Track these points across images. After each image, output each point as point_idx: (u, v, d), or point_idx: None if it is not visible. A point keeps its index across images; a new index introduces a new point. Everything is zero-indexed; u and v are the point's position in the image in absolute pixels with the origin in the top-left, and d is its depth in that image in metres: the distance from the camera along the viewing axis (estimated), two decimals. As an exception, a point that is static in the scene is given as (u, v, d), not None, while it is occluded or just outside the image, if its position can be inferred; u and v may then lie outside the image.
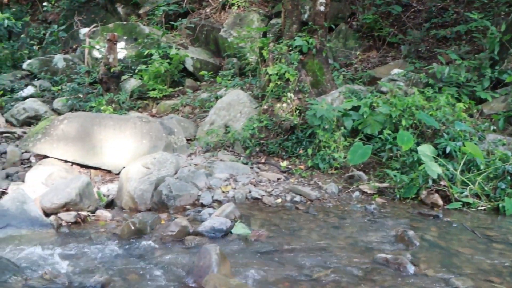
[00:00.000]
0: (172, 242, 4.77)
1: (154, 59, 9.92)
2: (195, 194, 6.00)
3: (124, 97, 9.52)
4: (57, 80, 10.86)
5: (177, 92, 10.11)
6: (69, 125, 7.25)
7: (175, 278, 3.96)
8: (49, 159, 7.21)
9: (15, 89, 10.69)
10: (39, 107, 9.68)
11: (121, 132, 7.22)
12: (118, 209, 6.01)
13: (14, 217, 5.01)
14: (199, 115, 9.02)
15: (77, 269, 4.12)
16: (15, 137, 8.95)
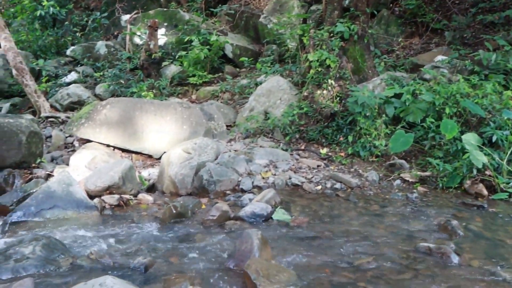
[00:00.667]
0: (213, 226, 4.81)
1: (194, 45, 9.97)
2: (235, 179, 6.03)
3: (164, 83, 9.61)
4: (99, 66, 11.04)
5: (217, 78, 10.14)
6: (112, 110, 7.38)
7: (216, 262, 3.99)
8: (92, 143, 7.36)
9: (59, 75, 10.92)
10: (82, 93, 9.86)
11: (162, 118, 7.30)
12: (159, 193, 6.09)
13: (60, 198, 5.14)
14: (239, 101, 9.04)
15: (120, 250, 4.21)
16: (59, 121, 9.16)
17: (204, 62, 10.07)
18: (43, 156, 7.04)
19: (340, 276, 3.72)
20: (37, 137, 6.87)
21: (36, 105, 9.45)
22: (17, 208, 5.06)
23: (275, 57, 10.31)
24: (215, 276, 3.68)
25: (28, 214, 4.96)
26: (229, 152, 6.88)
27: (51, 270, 3.66)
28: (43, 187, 5.29)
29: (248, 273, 3.48)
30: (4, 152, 6.39)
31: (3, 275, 3.52)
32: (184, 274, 3.64)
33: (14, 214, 4.96)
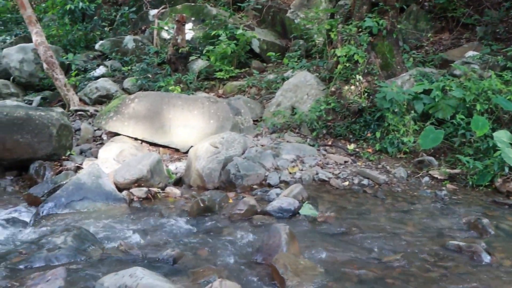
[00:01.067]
0: (240, 220, 4.83)
1: (221, 40, 9.98)
2: (262, 174, 6.03)
3: (191, 77, 9.65)
4: (127, 61, 11.13)
5: (244, 73, 10.14)
6: (140, 104, 7.45)
7: (244, 255, 4.01)
8: (120, 136, 7.44)
9: (88, 69, 11.05)
10: (110, 87, 9.97)
11: (189, 112, 7.34)
12: (186, 187, 6.14)
13: (90, 190, 5.22)
14: (265, 96, 9.03)
15: (149, 242, 4.26)
16: (88, 115, 9.28)
17: (231, 56, 10.08)
18: (73, 149, 7.15)
19: (368, 272, 3.70)
20: (67, 130, 6.98)
21: (66, 99, 9.58)
22: (48, 199, 5.15)
23: (302, 52, 10.26)
24: (242, 270, 3.70)
25: (58, 205, 5.04)
26: (255, 146, 6.88)
27: (82, 260, 3.72)
28: (73, 179, 5.37)
29: (276, 268, 3.49)
30: (35, 144, 6.51)
31: (36, 264, 3.59)
32: (212, 267, 3.67)
33: (46, 205, 5.05)
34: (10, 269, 3.53)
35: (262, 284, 3.48)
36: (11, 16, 14.15)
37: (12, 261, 3.63)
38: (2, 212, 5.22)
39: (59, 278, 3.08)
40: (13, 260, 3.64)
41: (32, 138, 6.49)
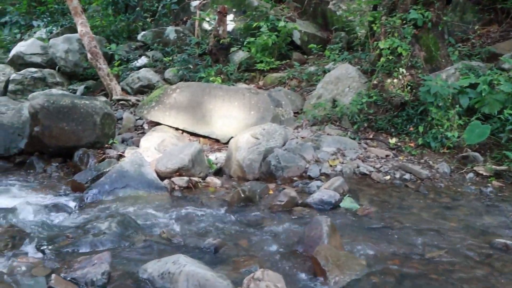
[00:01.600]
0: (280, 211, 4.83)
1: (262, 31, 9.95)
2: (302, 166, 6.01)
3: (232, 68, 9.67)
4: (168, 51, 11.23)
5: (284, 65, 10.10)
6: (181, 94, 7.51)
7: (285, 246, 4.00)
8: (161, 126, 7.54)
9: (130, 59, 11.21)
10: (152, 77, 10.09)
11: (230, 103, 7.37)
12: (226, 177, 6.17)
13: (132, 178, 5.31)
14: (306, 88, 8.98)
15: (190, 231, 4.30)
16: (129, 104, 9.43)
17: (272, 48, 10.05)
18: (115, 137, 7.28)
19: (411, 268, 3.65)
20: (110, 118, 7.11)
21: (108, 88, 9.75)
22: (93, 186, 5.27)
23: (343, 45, 10.13)
24: (283, 261, 3.70)
25: (102, 192, 5.15)
26: (296, 138, 6.86)
27: (126, 246, 3.79)
28: (117, 167, 5.47)
29: (317, 259, 3.47)
30: (80, 132, 6.66)
31: (82, 248, 3.68)
32: (253, 257, 3.68)
33: (90, 191, 5.17)
34: (58, 252, 3.63)
35: (303, 275, 3.47)
36: (57, 7, 14.43)
37: (59, 244, 3.73)
38: (48, 198, 5.37)
39: (105, 263, 3.14)
40: (61, 244, 3.74)
41: (77, 126, 6.64)
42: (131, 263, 3.48)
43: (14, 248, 3.66)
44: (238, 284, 3.01)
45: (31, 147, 6.81)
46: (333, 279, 3.31)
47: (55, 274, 3.11)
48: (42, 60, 11.48)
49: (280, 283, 2.94)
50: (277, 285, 2.92)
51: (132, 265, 3.44)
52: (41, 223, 4.49)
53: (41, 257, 3.56)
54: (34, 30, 13.91)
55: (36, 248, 3.70)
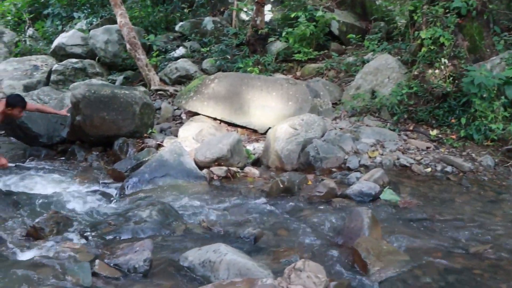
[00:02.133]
0: (319, 202, 4.79)
1: (300, 21, 9.85)
2: (341, 157, 5.95)
3: (269, 59, 9.62)
4: (206, 42, 11.25)
5: (322, 55, 9.98)
6: (220, 84, 7.52)
7: (324, 237, 3.97)
8: (199, 116, 7.57)
9: (168, 50, 11.28)
10: (190, 67, 10.13)
11: (268, 93, 7.34)
12: (264, 168, 6.16)
13: (172, 167, 5.36)
14: (344, 79, 8.86)
15: (230, 220, 4.32)
16: (167, 94, 9.50)
17: (310, 38, 9.94)
18: (154, 127, 7.35)
19: (454, 262, 3.56)
20: (149, 108, 7.19)
21: (147, 78, 9.85)
22: (133, 175, 5.34)
23: (382, 35, 9.94)
24: (323, 252, 3.68)
25: (142, 181, 5.22)
26: (334, 130, 6.78)
27: (166, 234, 3.83)
28: (156, 156, 5.53)
29: (358, 251, 3.43)
30: (120, 121, 6.75)
31: (124, 235, 3.74)
32: (293, 247, 3.67)
33: (130, 180, 5.24)
34: (101, 238, 3.69)
35: (344, 267, 3.44)
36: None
37: (102, 231, 3.80)
38: (90, 186, 5.48)
39: (147, 250, 3.18)
40: (103, 230, 3.81)
41: (117, 116, 6.73)
42: (171, 251, 3.52)
43: (59, 233, 3.74)
44: (279, 274, 3.00)
45: (72, 136, 6.95)
46: (374, 271, 3.27)
47: (99, 260, 3.17)
48: (83, 51, 11.68)
49: (321, 273, 2.91)
50: (318, 275, 2.89)
51: (173, 253, 3.47)
52: (83, 210, 4.59)
53: (84, 243, 3.63)
54: (75, 22, 14.12)
55: (79, 234, 3.78)
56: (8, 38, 12.52)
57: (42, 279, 2.92)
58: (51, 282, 2.90)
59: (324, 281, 2.86)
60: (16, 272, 2.97)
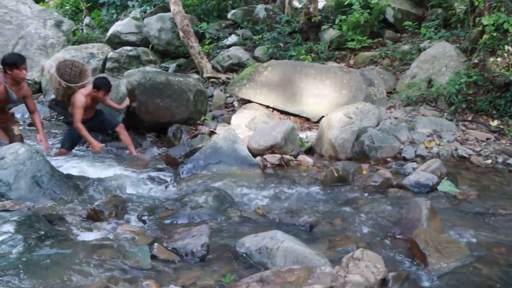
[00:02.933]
0: (375, 192, 4.71)
1: (354, 9, 9.68)
2: (396, 147, 5.83)
3: (322, 47, 9.52)
4: (258, 29, 11.24)
5: (376, 43, 9.79)
6: (273, 72, 7.50)
7: (380, 228, 3.90)
8: (251, 103, 7.58)
9: (220, 37, 11.33)
10: (242, 55, 10.15)
11: (321, 82, 7.26)
12: (317, 156, 6.11)
13: (225, 154, 5.38)
14: (399, 67, 8.66)
15: (284, 208, 4.30)
16: (219, 82, 9.56)
17: (364, 26, 9.76)
18: (206, 114, 7.41)
19: (518, 257, 3.42)
20: (202, 95, 7.24)
21: (199, 66, 9.94)
22: (188, 161, 5.40)
23: (440, 22, 9.65)
24: (380, 242, 3.61)
25: (197, 167, 5.27)
26: (389, 119, 6.65)
27: (222, 220, 3.85)
28: (211, 143, 5.57)
29: (416, 242, 3.35)
30: (174, 108, 6.84)
31: (181, 220, 3.78)
32: (349, 237, 3.61)
33: (185, 166, 5.30)
34: (158, 222, 3.75)
35: (401, 258, 3.36)
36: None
37: (159, 215, 3.86)
38: (145, 171, 5.57)
39: (204, 235, 3.20)
40: (160, 215, 3.86)
41: (171, 103, 6.82)
42: (227, 236, 3.53)
43: (117, 216, 3.81)
44: (335, 263, 2.97)
45: (127, 122, 7.08)
46: (434, 263, 3.18)
47: (157, 243, 3.21)
48: (137, 38, 11.89)
49: (379, 263, 2.87)
50: (376, 265, 2.84)
51: (229, 238, 3.48)
52: (139, 194, 4.68)
53: (142, 226, 3.69)
54: (129, 10, 14.39)
55: (137, 218, 3.85)
56: (67, 27, 12.88)
57: (103, 260, 2.99)
58: (112, 263, 2.97)
59: (382, 271, 2.82)
60: (79, 252, 3.05)
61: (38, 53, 11.86)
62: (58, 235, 3.30)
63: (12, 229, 3.17)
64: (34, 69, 11.45)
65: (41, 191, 4.21)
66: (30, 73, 11.36)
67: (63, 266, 2.85)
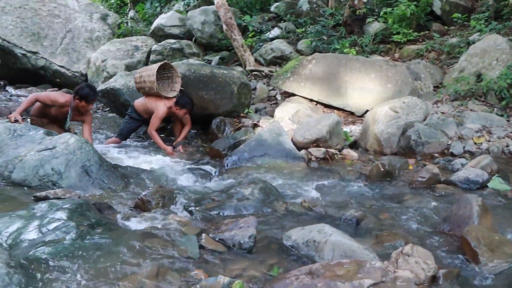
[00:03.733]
0: (422, 188, 4.63)
1: (400, 1, 9.50)
2: (444, 142, 5.70)
3: (367, 40, 9.39)
4: (301, 22, 11.17)
5: (422, 36, 9.58)
6: (317, 65, 7.44)
7: (428, 224, 3.83)
8: (295, 97, 7.55)
9: (263, 30, 11.32)
10: (285, 48, 10.10)
11: (366, 75, 7.17)
12: (362, 150, 6.05)
13: (270, 147, 5.39)
14: (446, 61, 8.46)
15: (330, 202, 4.27)
16: (262, 75, 9.56)
17: (410, 19, 9.56)
18: (250, 107, 7.42)
19: None
20: (246, 88, 7.25)
21: (242, 59, 9.96)
22: (232, 153, 5.43)
23: (491, 14, 9.35)
24: (428, 238, 3.54)
25: (241, 159, 5.30)
26: (436, 114, 6.51)
27: (268, 212, 3.85)
28: (256, 135, 5.58)
29: (467, 240, 3.27)
30: (218, 101, 6.87)
31: (227, 211, 3.81)
32: (396, 232, 3.56)
33: (230, 158, 5.33)
34: (205, 213, 3.78)
35: (451, 255, 3.29)
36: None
37: (206, 206, 3.89)
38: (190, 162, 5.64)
39: (251, 226, 3.21)
40: (207, 206, 3.90)
41: (215, 95, 6.85)
42: (273, 229, 3.53)
43: (164, 207, 3.87)
44: (383, 258, 2.93)
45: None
46: (486, 262, 3.09)
47: (205, 234, 3.25)
48: (180, 31, 12.00)
49: (429, 260, 2.81)
50: (426, 261, 2.79)
51: (275, 231, 3.48)
52: (185, 185, 4.74)
53: (189, 217, 3.74)
54: (173, 3, 14.56)
55: (184, 208, 3.89)
56: (112, 20, 13.12)
57: (152, 249, 3.04)
58: (161, 252, 3.01)
59: (433, 268, 2.77)
60: (129, 240, 3.11)
61: (85, 46, 12.12)
62: (108, 223, 3.37)
63: (64, 216, 3.26)
64: (81, 61, 11.74)
65: (90, 180, 4.32)
66: (77, 66, 11.70)
67: (114, 254, 2.91)
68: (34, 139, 4.78)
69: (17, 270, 2.56)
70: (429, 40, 9.30)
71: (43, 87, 11.54)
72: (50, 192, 3.80)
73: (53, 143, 4.52)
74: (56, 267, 2.69)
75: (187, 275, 2.74)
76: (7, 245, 2.89)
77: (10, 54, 11.56)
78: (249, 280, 2.75)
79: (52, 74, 11.71)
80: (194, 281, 2.69)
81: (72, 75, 11.60)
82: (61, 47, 11.91)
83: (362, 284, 2.47)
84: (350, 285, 2.47)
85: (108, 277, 2.66)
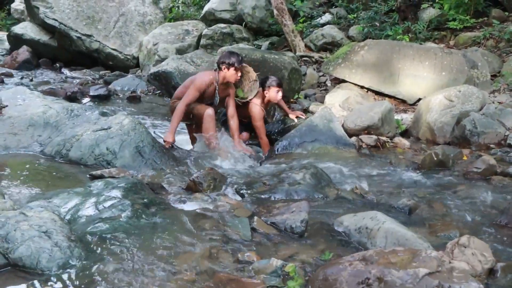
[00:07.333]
0: (477, 179, 4.51)
1: (458, -14, 9.22)
2: (501, 133, 5.52)
3: (421, 26, 9.14)
4: (353, 8, 10.98)
5: (480, 23, 9.26)
6: (369, 52, 7.33)
7: (484, 216, 3.74)
8: (346, 83, 7.47)
9: (314, 16, 11.19)
10: (336, 34, 9.96)
11: (420, 63, 7.02)
12: (414, 139, 5.95)
13: (321, 133, 5.36)
14: (505, 49, 8.16)
15: (382, 189, 4.23)
16: (312, 61, 9.47)
17: (467, 5, 9.23)
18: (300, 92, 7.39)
19: None
20: (297, 73, 7.23)
21: (292, 44, 9.89)
22: (283, 138, 5.44)
23: (555, 0, 8.98)
24: (484, 230, 3.46)
25: (292, 144, 5.30)
26: (493, 103, 6.30)
27: (319, 198, 3.85)
28: (307, 121, 5.56)
29: (526, 233, 3.18)
30: (268, 85, 6.85)
31: (278, 195, 3.83)
32: (450, 222, 3.50)
33: (280, 143, 5.35)
34: (256, 196, 3.82)
35: (509, 248, 3.20)
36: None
37: (257, 190, 3.93)
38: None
39: (303, 211, 3.22)
40: (258, 189, 3.93)
41: (266, 80, 6.83)
42: (325, 214, 3.53)
43: (215, 189, 3.91)
44: (436, 248, 2.88)
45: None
46: (545, 256, 3.00)
47: (257, 217, 3.27)
48: (231, 16, 12.00)
49: (487, 252, 2.75)
50: (484, 253, 2.73)
51: (327, 216, 3.48)
52: (235, 168, 4.77)
53: (240, 200, 3.77)
54: (225, -12, 14.57)
55: (235, 191, 3.93)
56: (164, 4, 13.27)
57: (205, 229, 3.09)
58: (213, 233, 3.06)
59: (490, 260, 2.71)
60: (182, 220, 3.17)
61: (137, 30, 12.33)
62: (161, 203, 3.45)
63: (120, 194, 3.35)
64: (133, 44, 11.96)
65: (143, 161, 4.42)
66: (129, 49, 11.93)
67: (168, 233, 2.98)
68: (90, 119, 4.93)
69: (77, 244, 2.66)
70: (487, 27, 8.98)
71: (96, 70, 11.84)
72: (105, 171, 3.91)
73: (108, 123, 4.64)
74: (113, 243, 2.78)
75: (239, 257, 2.77)
76: (67, 220, 2.99)
77: (66, 37, 11.90)
78: (301, 264, 2.76)
79: (105, 57, 11.99)
80: (247, 262, 2.72)
81: (124, 58, 11.85)
82: (114, 30, 12.16)
83: (417, 273, 2.44)
84: (404, 273, 2.44)
85: (163, 255, 2.72)
